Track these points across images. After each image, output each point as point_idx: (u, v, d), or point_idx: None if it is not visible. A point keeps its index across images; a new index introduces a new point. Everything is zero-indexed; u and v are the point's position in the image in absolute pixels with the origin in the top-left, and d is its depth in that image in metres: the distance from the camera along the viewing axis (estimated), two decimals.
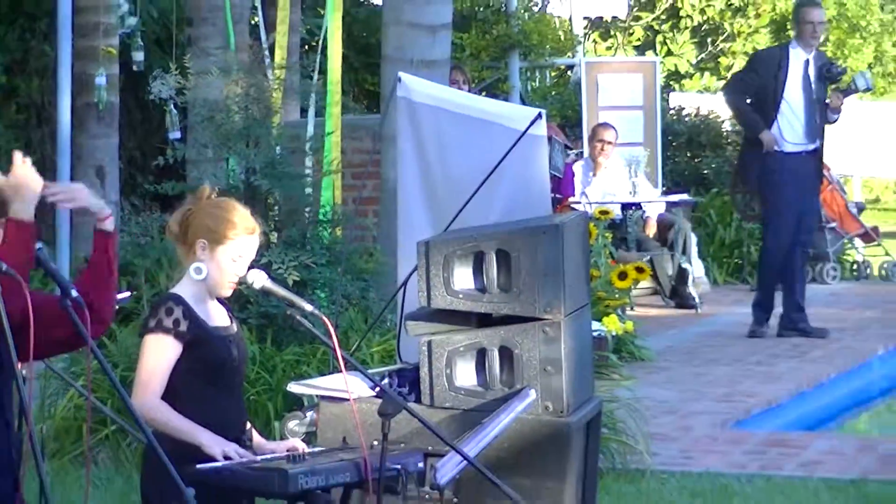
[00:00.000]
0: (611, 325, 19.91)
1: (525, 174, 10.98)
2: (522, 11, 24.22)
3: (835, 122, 23.33)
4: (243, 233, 9.45)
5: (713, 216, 26.81)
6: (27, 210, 8.09)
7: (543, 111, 11.86)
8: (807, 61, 22.65)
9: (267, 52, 20.44)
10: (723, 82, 29.54)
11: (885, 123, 34.81)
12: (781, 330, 22.66)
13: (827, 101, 22.54)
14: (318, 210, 17.23)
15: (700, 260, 25.93)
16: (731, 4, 32.28)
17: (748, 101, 23.05)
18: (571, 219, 11.69)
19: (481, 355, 10.22)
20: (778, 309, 23.00)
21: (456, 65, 20.80)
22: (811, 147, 22.74)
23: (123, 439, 14.14)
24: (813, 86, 22.52)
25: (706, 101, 29.79)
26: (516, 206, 10.95)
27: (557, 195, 22.25)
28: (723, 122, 28.94)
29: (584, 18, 28.72)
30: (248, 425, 9.78)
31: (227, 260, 9.39)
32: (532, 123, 10.95)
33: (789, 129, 22.82)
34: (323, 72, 19.20)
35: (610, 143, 25.88)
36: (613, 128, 26.49)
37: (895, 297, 26.66)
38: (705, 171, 28.13)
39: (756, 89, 22.98)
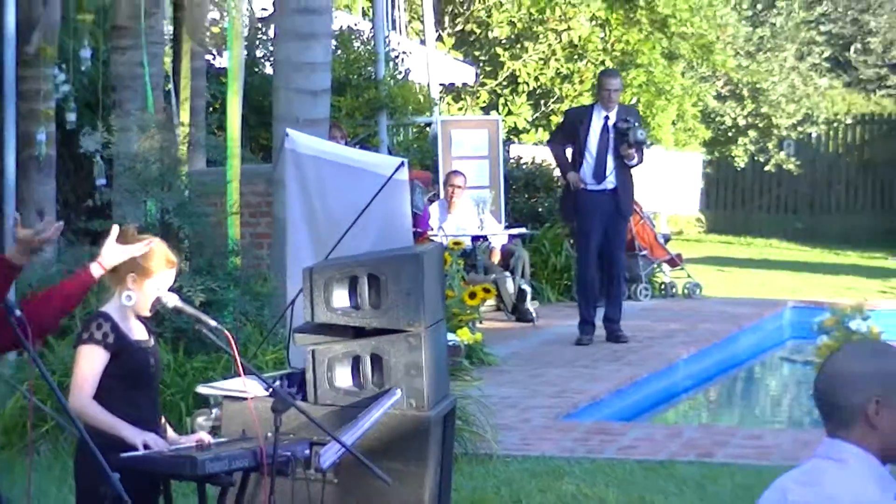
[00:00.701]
0: (463, 336, 20.11)
1: (390, 212, 11.14)
2: (389, 79, 24.29)
3: (633, 166, 23.11)
4: (166, 267, 9.63)
5: (546, 245, 26.88)
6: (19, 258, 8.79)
7: (406, 160, 12.10)
8: (606, 118, 22.76)
9: (176, 113, 20.47)
10: None
11: (685, 169, 35.32)
12: (606, 337, 22.88)
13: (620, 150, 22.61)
14: (225, 244, 17.27)
15: (534, 282, 26.12)
16: (559, 73, 32.38)
17: (569, 149, 23.18)
18: (430, 249, 12.19)
19: (356, 361, 10.35)
20: (601, 321, 23.16)
21: (334, 122, 20.91)
22: (610, 186, 22.77)
23: (61, 433, 14.24)
24: (609, 138, 22.69)
25: (540, 151, 29.88)
26: (383, 238, 11.06)
27: (417, 229, 22.40)
28: (553, 168, 29.05)
29: (440, 85, 28.74)
30: (164, 421, 10.02)
31: (152, 289, 9.54)
32: (396, 170, 11.12)
33: (590, 172, 22.84)
34: (224, 129, 19.27)
35: (460, 186, 25.76)
36: (463, 174, 26.40)
37: (696, 312, 26.99)
38: (540, 209, 28.21)
39: (570, 140, 23.19)
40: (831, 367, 5.99)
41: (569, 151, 23.06)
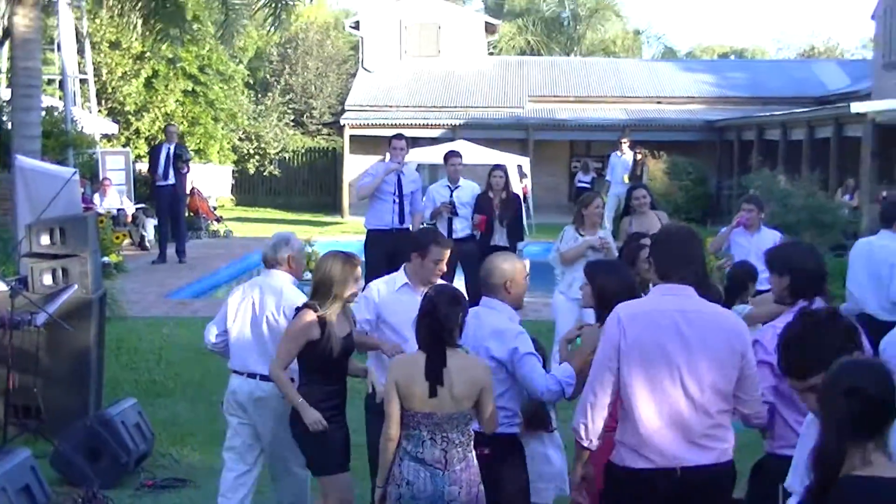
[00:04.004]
0: (112, 258, 18.84)
1: (70, 196, 9.80)
2: (73, 130, 23.44)
3: (185, 173, 21.25)
4: None
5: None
6: None
7: (77, 171, 11.01)
8: (169, 148, 20.67)
9: None
10: None
11: (225, 173, 34.37)
12: None
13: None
14: None
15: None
16: (159, 129, 31.44)
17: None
18: (89, 214, 10.86)
19: (53, 270, 9.25)
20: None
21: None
22: (171, 182, 20.64)
23: None
24: (171, 160, 20.75)
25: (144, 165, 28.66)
26: (66, 209, 9.77)
27: (85, 205, 21.08)
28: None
29: (100, 133, 27.70)
30: None
31: None
32: (73, 175, 10.21)
33: (162, 174, 20.72)
34: None
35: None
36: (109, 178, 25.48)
37: (230, 244, 25.15)
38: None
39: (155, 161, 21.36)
40: (487, 264, 6.03)
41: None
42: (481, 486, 5.47)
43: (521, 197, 30.03)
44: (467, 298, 5.75)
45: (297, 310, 6.31)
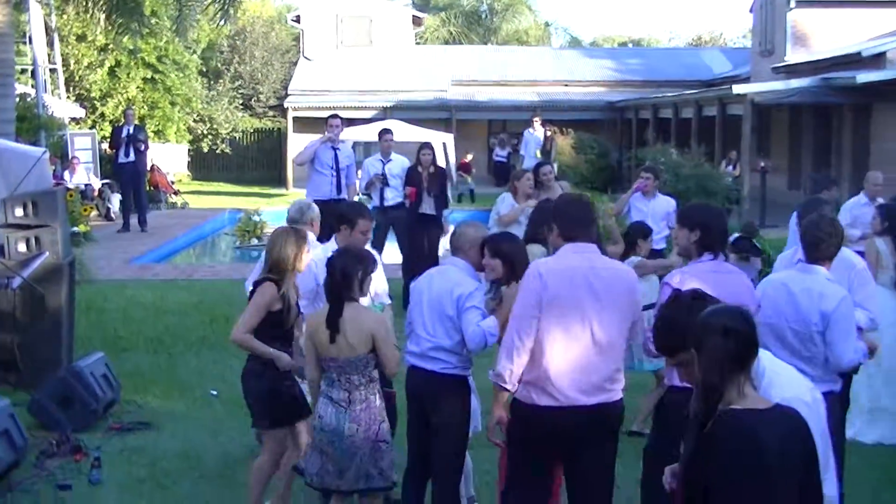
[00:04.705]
0: (81, 228, 18.60)
1: (40, 173, 9.89)
2: (45, 115, 23.31)
3: (144, 151, 21.04)
4: None
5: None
6: None
7: (47, 150, 11.20)
8: (129, 130, 20.77)
9: None
10: None
11: (181, 152, 34.00)
12: None
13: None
14: None
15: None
16: (121, 111, 31.02)
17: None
18: (59, 189, 10.79)
19: (27, 239, 9.16)
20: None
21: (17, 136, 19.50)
22: (132, 159, 20.68)
23: None
24: (131, 139, 20.84)
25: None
26: (36, 185, 9.71)
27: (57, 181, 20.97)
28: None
29: (69, 117, 27.58)
30: None
31: None
32: (42, 154, 10.18)
33: (123, 153, 20.84)
34: None
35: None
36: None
37: (186, 214, 24.83)
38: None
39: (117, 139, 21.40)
40: (458, 229, 6.00)
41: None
42: (384, 423, 5.56)
43: (468, 168, 30.49)
44: (405, 258, 5.76)
45: (257, 284, 6.20)
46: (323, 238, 7.45)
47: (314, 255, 6.56)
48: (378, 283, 6.66)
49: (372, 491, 5.67)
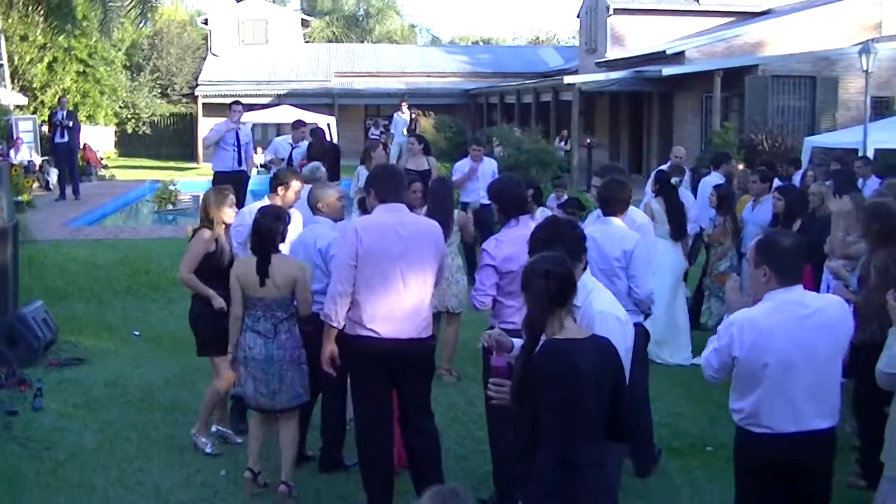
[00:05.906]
0: (24, 197, 17.46)
1: None
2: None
3: (78, 130, 19.93)
4: None
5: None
6: None
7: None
8: (62, 116, 19.69)
9: None
10: None
11: (109, 132, 33.41)
12: None
13: None
14: None
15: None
16: (62, 96, 29.95)
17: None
18: (2, 166, 10.07)
19: None
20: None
21: None
22: (66, 140, 19.49)
23: None
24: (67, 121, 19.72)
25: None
26: None
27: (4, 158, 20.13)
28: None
29: (14, 105, 26.73)
30: None
31: None
32: None
33: (73, 139, 19.76)
34: None
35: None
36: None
37: (113, 186, 23.90)
38: None
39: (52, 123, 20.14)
40: (313, 189, 6.04)
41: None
42: (303, 350, 5.46)
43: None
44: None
45: (195, 231, 6.19)
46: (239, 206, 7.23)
47: (246, 216, 6.37)
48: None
49: (301, 407, 5.59)
